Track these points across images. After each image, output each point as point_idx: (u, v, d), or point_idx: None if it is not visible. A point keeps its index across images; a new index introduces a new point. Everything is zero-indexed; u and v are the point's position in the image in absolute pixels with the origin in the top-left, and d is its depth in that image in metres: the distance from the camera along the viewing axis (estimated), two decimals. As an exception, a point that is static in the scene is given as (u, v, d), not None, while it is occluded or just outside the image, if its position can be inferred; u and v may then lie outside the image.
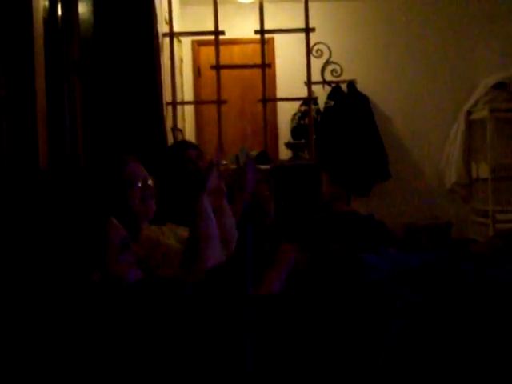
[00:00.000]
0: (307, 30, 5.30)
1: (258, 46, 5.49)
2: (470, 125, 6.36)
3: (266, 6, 5.37)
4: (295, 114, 6.27)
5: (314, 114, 5.89)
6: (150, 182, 2.24)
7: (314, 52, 6.00)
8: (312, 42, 5.59)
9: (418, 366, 1.51)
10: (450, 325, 1.61)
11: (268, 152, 5.46)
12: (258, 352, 1.37)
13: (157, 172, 2.89)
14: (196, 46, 6.65)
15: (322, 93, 6.35)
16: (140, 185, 2.19)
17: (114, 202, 2.08)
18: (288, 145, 5.90)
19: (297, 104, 6.19)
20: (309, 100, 5.49)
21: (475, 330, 1.59)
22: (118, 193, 2.13)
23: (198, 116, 6.73)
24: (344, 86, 6.44)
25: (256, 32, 5.37)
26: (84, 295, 1.49)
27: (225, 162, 4.99)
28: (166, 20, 5.33)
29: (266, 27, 5.36)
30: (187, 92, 6.52)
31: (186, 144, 3.31)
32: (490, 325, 1.60)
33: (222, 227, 2.18)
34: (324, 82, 6.39)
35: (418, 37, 6.58)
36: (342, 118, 6.29)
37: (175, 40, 5.59)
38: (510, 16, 6.47)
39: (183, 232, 2.40)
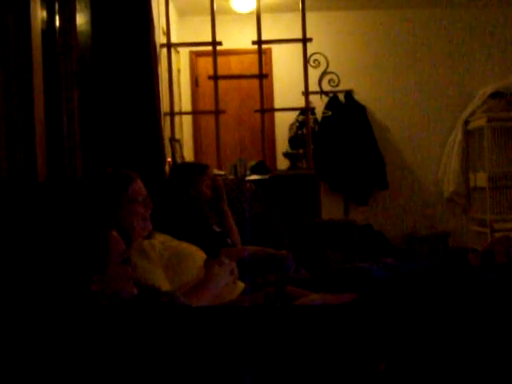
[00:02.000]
0: (304, 41, 5.31)
1: (255, 57, 5.50)
2: (468, 134, 6.37)
3: (263, 16, 5.39)
4: (293, 124, 6.27)
5: (311, 123, 5.89)
6: (149, 201, 2.25)
7: (311, 62, 6.03)
8: (309, 53, 5.61)
9: (418, 374, 1.51)
10: (449, 333, 1.61)
11: (266, 162, 5.47)
12: (257, 358, 1.37)
13: (165, 192, 2.89)
14: (194, 56, 6.66)
15: (319, 103, 6.37)
16: (142, 202, 2.20)
17: (116, 216, 2.08)
18: (286, 155, 5.91)
19: (294, 114, 6.20)
20: (306, 110, 5.50)
21: (474, 337, 1.59)
22: (122, 208, 2.13)
23: (196, 126, 6.73)
24: (341, 96, 6.46)
25: (253, 42, 5.39)
26: (83, 304, 1.49)
27: (223, 173, 5.00)
28: (163, 31, 5.34)
29: (264, 38, 5.38)
30: (185, 102, 6.53)
31: (204, 166, 3.29)
32: (488, 331, 1.60)
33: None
34: (321, 92, 6.41)
35: (415, 47, 6.60)
36: (340, 127, 6.30)
37: (173, 51, 5.61)
38: (508, 26, 6.50)
39: (178, 245, 2.40)
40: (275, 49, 6.50)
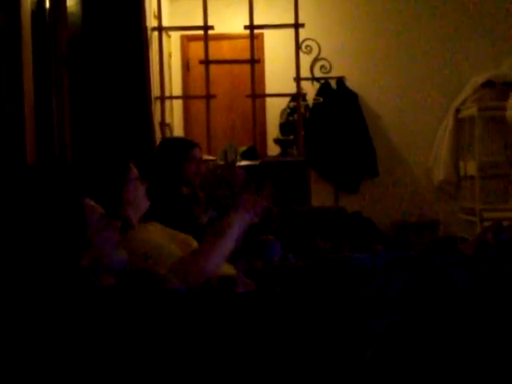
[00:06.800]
0: (297, 26, 5.29)
1: (247, 42, 5.47)
2: (459, 123, 6.36)
3: (255, 1, 5.36)
4: (284, 110, 6.25)
5: (302, 110, 5.87)
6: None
7: (303, 48, 5.99)
8: (301, 38, 5.58)
9: (405, 363, 1.51)
10: (436, 325, 1.61)
11: (256, 148, 5.45)
12: (245, 349, 1.37)
13: (152, 168, 2.88)
14: (185, 40, 6.61)
15: (311, 89, 6.34)
16: (139, 180, 2.21)
17: (120, 198, 2.08)
18: (276, 141, 5.89)
19: (286, 100, 6.18)
20: (298, 96, 5.48)
21: (462, 329, 1.59)
22: (126, 189, 2.13)
23: (187, 111, 6.70)
24: (333, 83, 6.43)
25: (245, 27, 5.36)
26: (74, 283, 1.48)
27: (213, 158, 4.99)
28: (154, 14, 5.30)
29: (256, 22, 5.35)
30: (176, 87, 6.49)
31: (191, 143, 3.27)
32: (477, 324, 1.60)
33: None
34: (313, 79, 6.38)
35: (407, 34, 6.57)
36: (331, 114, 6.28)
37: (164, 34, 5.57)
38: (499, 14, 6.49)
39: (176, 235, 2.38)
40: (267, 34, 6.45)
